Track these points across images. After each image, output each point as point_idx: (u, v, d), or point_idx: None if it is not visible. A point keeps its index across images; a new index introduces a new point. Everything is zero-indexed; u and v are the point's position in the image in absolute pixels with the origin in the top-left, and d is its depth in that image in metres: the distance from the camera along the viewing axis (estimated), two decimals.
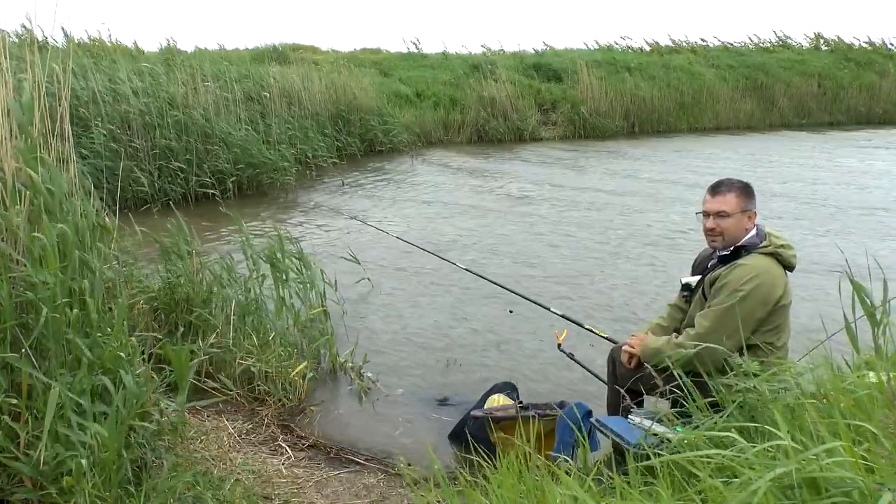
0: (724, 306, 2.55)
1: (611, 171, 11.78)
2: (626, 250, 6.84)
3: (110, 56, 9.47)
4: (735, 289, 2.54)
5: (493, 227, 7.78)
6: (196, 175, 8.72)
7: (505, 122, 15.09)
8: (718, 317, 2.56)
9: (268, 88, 10.83)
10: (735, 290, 2.54)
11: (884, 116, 19.66)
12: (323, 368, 4.11)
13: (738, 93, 18.40)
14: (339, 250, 6.42)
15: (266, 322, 4.04)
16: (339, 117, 12.23)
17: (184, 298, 3.91)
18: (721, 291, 2.59)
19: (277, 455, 3.17)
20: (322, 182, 10.54)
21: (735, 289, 2.54)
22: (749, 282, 2.53)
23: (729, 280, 2.58)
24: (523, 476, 1.81)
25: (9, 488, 2.14)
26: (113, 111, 8.29)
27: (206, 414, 3.46)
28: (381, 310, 5.19)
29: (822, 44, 22.06)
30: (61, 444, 2.12)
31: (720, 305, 2.57)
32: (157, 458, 2.58)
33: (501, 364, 4.25)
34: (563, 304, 4.88)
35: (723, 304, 2.56)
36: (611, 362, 3.09)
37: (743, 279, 2.54)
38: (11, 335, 2.14)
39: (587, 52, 19.50)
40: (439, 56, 18.83)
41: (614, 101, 16.39)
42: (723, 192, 2.68)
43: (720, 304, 2.57)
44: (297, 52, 17.43)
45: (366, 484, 2.96)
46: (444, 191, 9.99)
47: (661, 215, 8.39)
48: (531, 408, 3.07)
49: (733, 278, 2.57)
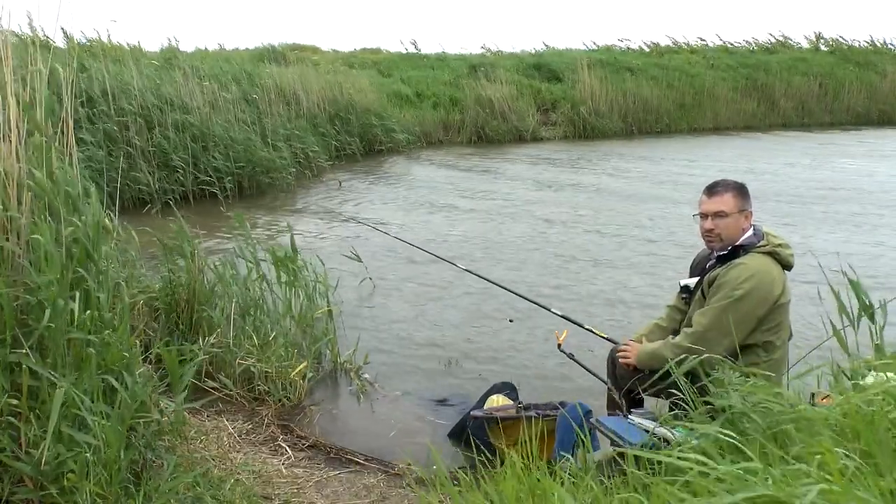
0: (722, 304, 2.56)
1: (611, 171, 11.78)
2: (626, 250, 6.84)
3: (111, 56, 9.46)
4: (734, 287, 2.54)
5: (493, 228, 7.78)
6: (195, 175, 8.72)
7: (505, 122, 15.09)
8: (717, 315, 2.56)
9: (266, 89, 10.83)
10: (734, 289, 2.54)
11: (883, 116, 19.69)
12: (323, 368, 4.11)
13: (738, 93, 18.40)
14: (338, 250, 6.42)
15: (267, 322, 4.04)
16: (338, 117, 12.23)
17: (184, 298, 3.91)
18: (720, 290, 2.60)
19: (277, 455, 3.17)
20: (321, 182, 10.54)
21: (734, 287, 2.54)
22: (747, 281, 2.53)
23: (727, 279, 2.58)
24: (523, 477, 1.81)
25: (10, 488, 2.15)
26: (113, 111, 8.29)
27: (207, 414, 3.46)
28: (379, 309, 5.19)
29: (822, 44, 22.06)
30: (63, 444, 2.12)
31: (718, 304, 2.57)
32: (157, 458, 2.59)
33: (501, 364, 4.26)
34: (562, 304, 4.88)
35: (721, 302, 2.56)
36: (611, 362, 3.10)
37: (741, 278, 2.55)
38: (12, 335, 2.14)
39: (587, 53, 19.49)
40: (439, 56, 18.82)
41: (614, 102, 16.39)
42: (719, 193, 2.68)
43: (718, 303, 2.58)
44: (297, 52, 17.42)
45: (366, 484, 2.96)
46: (444, 191, 9.99)
47: (661, 215, 8.39)
48: (531, 408, 3.07)
49: (731, 277, 2.57)
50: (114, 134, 8.20)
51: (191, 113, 9.00)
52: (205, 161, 8.89)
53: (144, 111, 8.58)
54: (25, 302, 2.21)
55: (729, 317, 2.50)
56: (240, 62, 12.36)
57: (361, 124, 12.63)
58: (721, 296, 2.58)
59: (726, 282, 2.58)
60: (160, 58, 10.70)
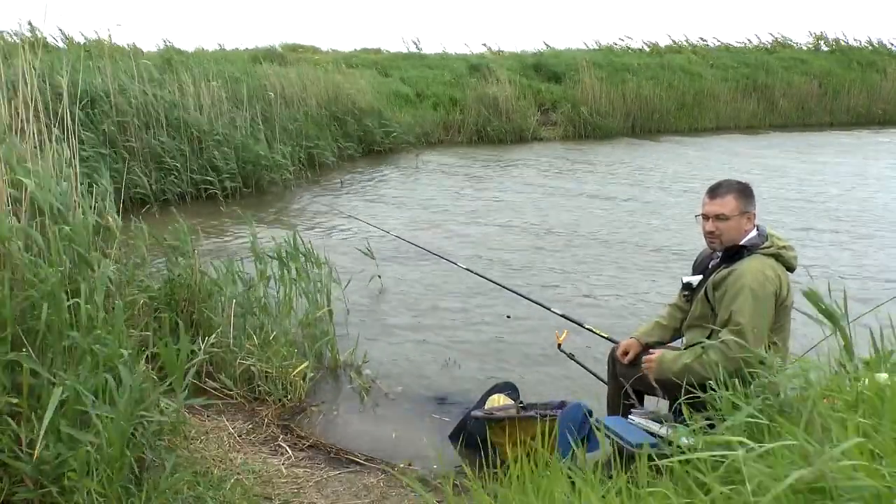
0: (750, 314, 2.47)
1: (611, 171, 11.77)
2: (626, 250, 6.83)
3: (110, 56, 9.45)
4: (753, 294, 2.49)
5: (494, 227, 7.78)
6: (194, 174, 8.71)
7: (505, 122, 15.07)
8: (755, 327, 2.46)
9: (265, 88, 10.82)
10: (753, 298, 2.49)
11: (883, 116, 19.68)
12: (324, 368, 4.11)
13: (739, 93, 18.38)
14: (338, 249, 6.42)
15: (268, 322, 4.03)
16: (337, 117, 12.22)
17: (185, 298, 3.91)
18: (738, 297, 2.51)
19: (277, 455, 3.17)
20: (321, 182, 10.53)
21: (753, 294, 2.49)
22: (760, 286, 2.51)
23: (741, 286, 2.52)
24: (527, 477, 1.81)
25: (10, 488, 2.14)
26: (112, 111, 8.28)
27: (207, 414, 3.46)
28: (379, 309, 5.18)
29: (823, 44, 22.05)
30: (63, 443, 2.12)
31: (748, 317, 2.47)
32: (157, 458, 2.58)
33: (501, 364, 4.25)
34: (563, 303, 4.87)
35: (748, 313, 2.48)
36: (611, 362, 3.09)
37: (754, 284, 2.51)
38: (13, 333, 2.14)
39: (587, 52, 19.47)
40: (439, 56, 18.80)
41: (615, 102, 16.37)
42: (721, 195, 2.66)
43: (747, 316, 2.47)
44: (296, 52, 17.40)
45: (366, 484, 2.96)
46: (445, 191, 9.98)
47: (662, 215, 8.39)
48: (531, 408, 3.06)
49: (744, 284, 2.52)
50: (113, 134, 8.18)
51: (192, 112, 8.98)
52: (204, 161, 8.88)
53: (145, 111, 8.56)
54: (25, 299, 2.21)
55: (759, 329, 2.45)
56: (241, 62, 12.35)
57: (361, 124, 12.61)
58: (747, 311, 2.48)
59: (741, 289, 2.51)
60: (160, 58, 10.69)
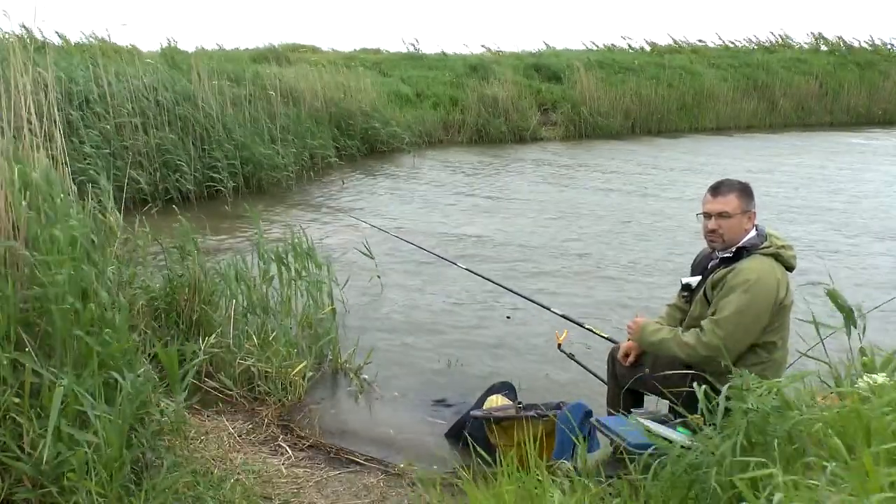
0: (734, 310, 2.53)
1: (611, 171, 11.77)
2: (627, 250, 6.84)
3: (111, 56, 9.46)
4: (744, 291, 2.52)
5: (494, 227, 7.78)
6: (195, 173, 8.72)
7: (506, 122, 15.07)
8: (731, 325, 2.52)
9: (265, 88, 10.82)
10: (743, 293, 2.52)
11: (884, 116, 19.67)
12: (324, 368, 4.11)
13: (739, 93, 18.37)
14: (339, 249, 6.42)
15: (268, 322, 4.04)
16: (338, 117, 12.22)
17: (185, 298, 3.91)
18: (730, 292, 2.56)
19: (277, 455, 3.17)
20: (321, 182, 10.53)
21: (744, 291, 2.52)
22: (754, 285, 2.52)
23: (735, 283, 2.56)
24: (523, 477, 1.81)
25: (9, 488, 2.14)
26: (113, 110, 8.28)
27: (207, 414, 3.46)
28: (379, 309, 5.19)
29: (823, 44, 22.04)
30: (63, 443, 2.12)
31: (730, 310, 2.54)
32: (157, 458, 2.58)
33: (501, 364, 4.25)
34: (563, 303, 4.87)
35: (732, 307, 2.53)
36: (611, 362, 3.10)
37: (748, 282, 2.53)
38: (16, 333, 2.14)
39: (587, 53, 19.47)
40: (439, 56, 18.79)
41: (615, 102, 16.37)
42: (723, 193, 2.67)
43: (730, 309, 2.54)
44: (297, 52, 17.40)
45: (366, 484, 2.96)
46: (445, 191, 9.99)
47: (662, 215, 8.39)
48: (531, 408, 3.06)
49: (739, 281, 2.55)
50: (112, 134, 8.17)
51: (191, 110, 8.98)
52: (208, 159, 8.88)
53: (146, 111, 8.56)
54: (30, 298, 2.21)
55: (740, 326, 2.52)
56: (242, 62, 12.35)
57: (362, 124, 12.61)
58: (731, 299, 2.55)
59: (735, 286, 2.55)
60: (161, 58, 10.69)
